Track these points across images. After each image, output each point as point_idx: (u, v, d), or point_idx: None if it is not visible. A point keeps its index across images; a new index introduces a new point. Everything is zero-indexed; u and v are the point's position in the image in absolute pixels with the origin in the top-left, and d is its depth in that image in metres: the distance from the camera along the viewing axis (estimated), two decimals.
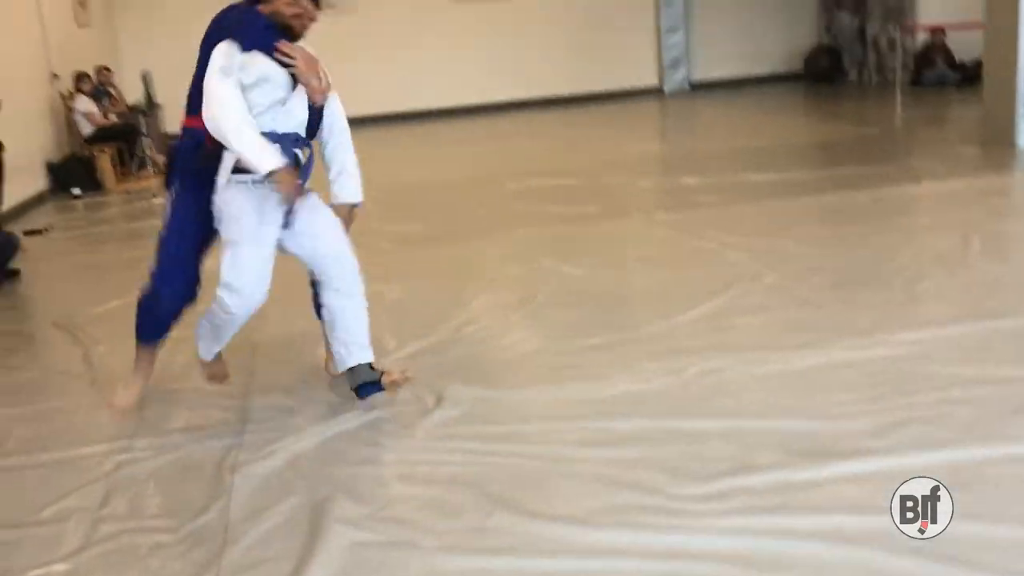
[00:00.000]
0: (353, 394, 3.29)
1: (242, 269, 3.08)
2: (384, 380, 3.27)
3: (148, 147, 9.09)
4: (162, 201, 3.66)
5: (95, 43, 11.48)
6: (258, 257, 3.09)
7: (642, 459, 2.71)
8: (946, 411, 2.86)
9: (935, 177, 6.45)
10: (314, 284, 3.37)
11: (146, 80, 10.27)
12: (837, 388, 3.10)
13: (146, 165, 9.33)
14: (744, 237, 5.17)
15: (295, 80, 3.09)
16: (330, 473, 2.81)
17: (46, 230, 7.27)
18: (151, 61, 12.77)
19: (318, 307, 3.40)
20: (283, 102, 3.09)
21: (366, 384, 3.27)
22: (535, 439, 2.94)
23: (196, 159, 3.20)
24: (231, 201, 3.09)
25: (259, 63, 3.03)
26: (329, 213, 3.28)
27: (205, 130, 3.02)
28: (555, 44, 14.20)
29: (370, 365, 3.28)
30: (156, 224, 7.06)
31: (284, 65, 3.05)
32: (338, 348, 3.28)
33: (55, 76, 9.48)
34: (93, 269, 6.07)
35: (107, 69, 10.04)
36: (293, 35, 3.10)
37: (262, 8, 3.08)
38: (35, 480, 2.96)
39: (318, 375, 3.63)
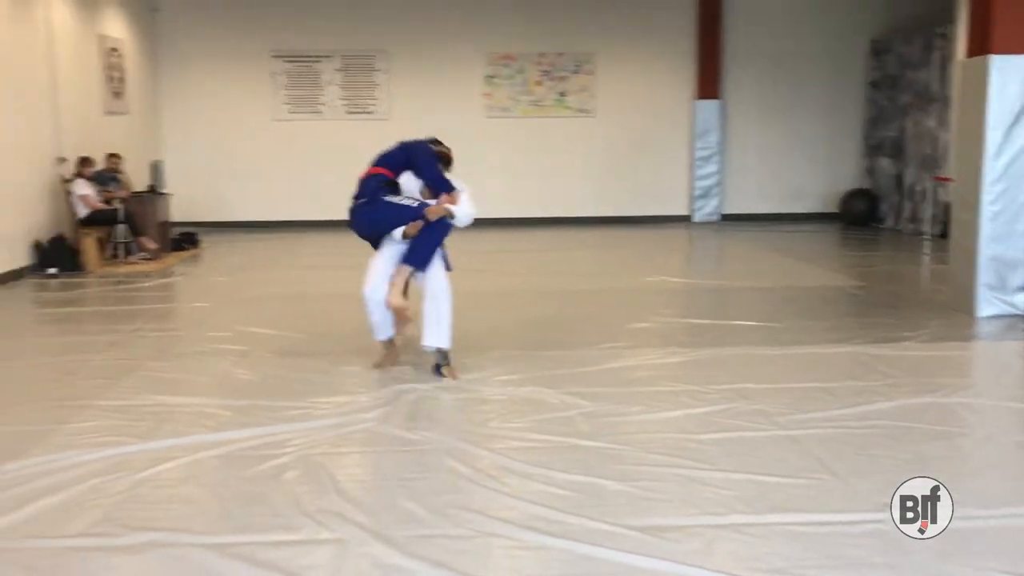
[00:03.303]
0: None
1: None
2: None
3: (126, 234, 9.29)
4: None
5: (128, 131, 12.02)
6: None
7: None
8: None
9: (884, 341, 6.01)
10: None
11: (155, 169, 10.62)
12: None
13: (131, 251, 9.54)
14: (612, 389, 4.90)
15: None
16: None
17: None
18: (187, 153, 13.42)
19: None
20: None
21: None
22: None
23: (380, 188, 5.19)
24: None
25: None
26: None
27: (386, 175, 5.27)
28: (586, 165, 14.23)
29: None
30: (109, 310, 7.31)
31: None
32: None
33: (62, 159, 9.90)
34: None
35: (116, 156, 10.43)
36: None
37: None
38: None
39: None
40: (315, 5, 13.50)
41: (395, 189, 5.32)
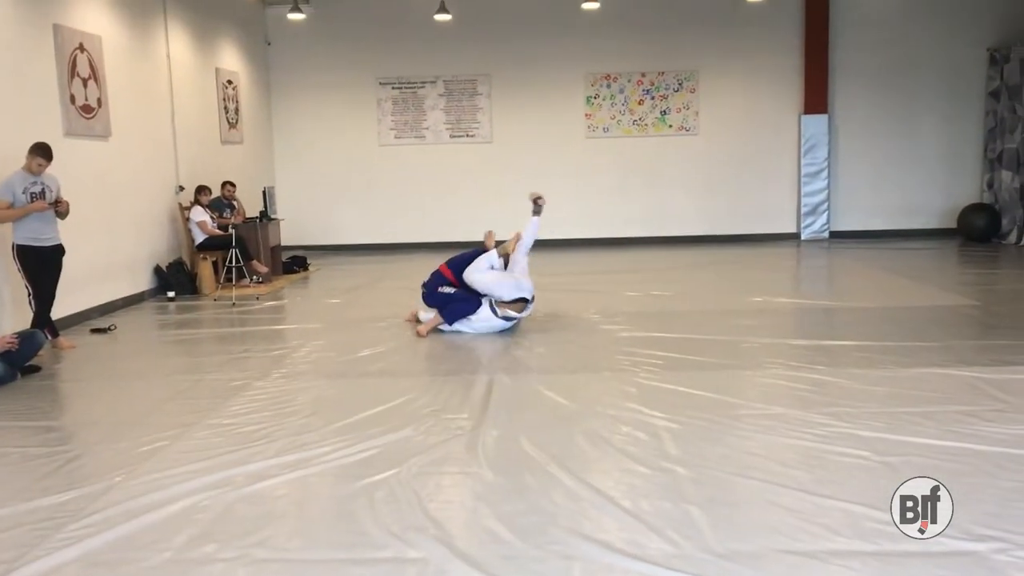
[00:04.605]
0: None
1: None
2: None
3: (238, 259, 9.68)
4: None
5: (242, 159, 12.56)
6: None
7: None
8: None
9: (997, 364, 5.77)
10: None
11: (266, 195, 11.05)
12: None
13: (243, 275, 9.94)
14: (686, 412, 4.86)
15: None
16: None
17: (110, 328, 7.88)
18: (297, 179, 13.94)
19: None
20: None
21: None
22: None
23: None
24: None
25: None
26: None
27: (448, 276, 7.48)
28: (690, 183, 14.11)
29: None
30: (221, 332, 7.68)
31: None
32: None
33: (180, 188, 10.42)
34: (117, 379, 6.46)
35: (231, 184, 10.90)
36: None
37: None
38: None
39: None
40: (418, 32, 13.84)
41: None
